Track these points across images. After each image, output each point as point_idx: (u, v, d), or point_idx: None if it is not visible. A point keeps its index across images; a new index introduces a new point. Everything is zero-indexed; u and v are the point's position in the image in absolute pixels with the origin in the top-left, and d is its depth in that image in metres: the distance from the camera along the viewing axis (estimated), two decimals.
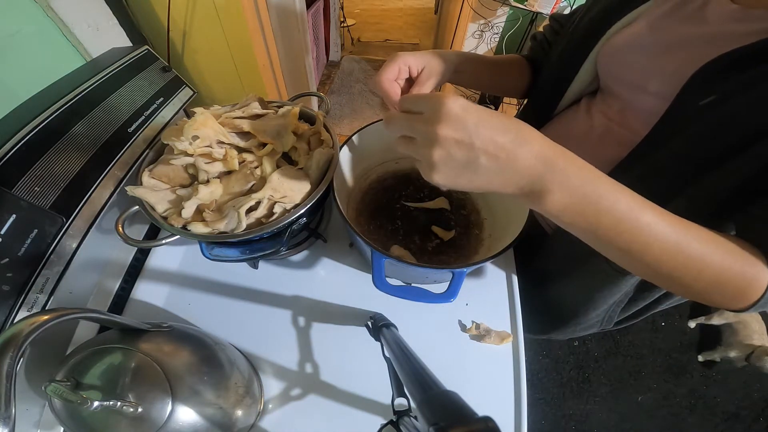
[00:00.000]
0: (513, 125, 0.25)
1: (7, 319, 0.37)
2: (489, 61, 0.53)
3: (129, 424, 0.29)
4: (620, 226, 0.26)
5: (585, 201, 0.25)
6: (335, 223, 0.59)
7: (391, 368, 0.35)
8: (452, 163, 0.25)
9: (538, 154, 0.24)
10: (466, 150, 0.24)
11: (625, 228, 0.26)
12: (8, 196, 0.38)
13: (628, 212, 0.25)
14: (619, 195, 0.26)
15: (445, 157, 0.24)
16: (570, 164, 0.25)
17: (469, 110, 0.24)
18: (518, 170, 0.24)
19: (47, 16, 0.65)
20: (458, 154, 0.24)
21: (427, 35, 2.91)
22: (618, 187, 0.26)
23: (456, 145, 0.24)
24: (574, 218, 0.26)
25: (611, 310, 0.51)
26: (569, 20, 0.50)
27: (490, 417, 0.22)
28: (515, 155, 0.24)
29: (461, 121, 0.23)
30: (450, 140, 0.24)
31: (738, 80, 0.28)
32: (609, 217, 0.25)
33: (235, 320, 0.49)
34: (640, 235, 0.26)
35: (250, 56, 1.18)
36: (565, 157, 0.25)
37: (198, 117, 0.42)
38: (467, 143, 0.24)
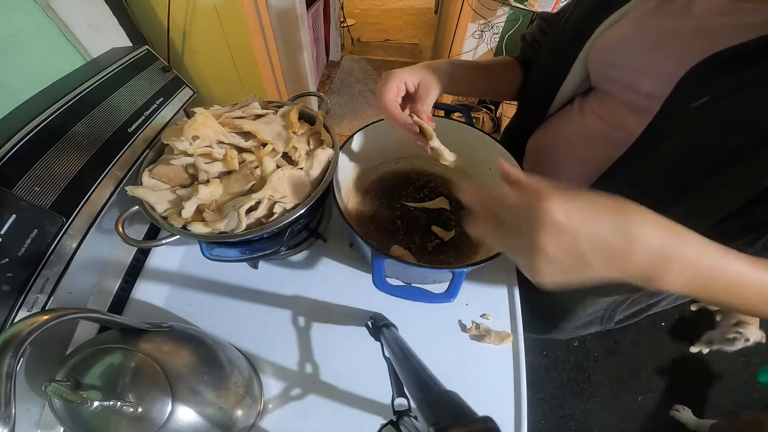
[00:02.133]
0: (623, 220, 0.22)
1: (7, 319, 0.37)
2: (481, 67, 0.52)
3: (129, 424, 0.29)
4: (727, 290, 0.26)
5: (696, 278, 0.24)
6: (335, 223, 0.59)
7: (391, 368, 0.35)
8: (559, 267, 0.23)
9: (652, 247, 0.22)
10: (572, 254, 0.22)
11: (730, 291, 0.26)
12: (8, 196, 0.38)
13: (735, 277, 0.25)
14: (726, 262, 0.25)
15: (551, 265, 0.23)
16: (684, 247, 0.24)
17: (571, 213, 0.21)
18: (632, 267, 0.23)
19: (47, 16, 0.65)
20: (566, 260, 0.22)
21: (427, 35, 2.91)
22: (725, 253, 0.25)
23: (563, 251, 0.22)
24: (687, 291, 0.26)
25: (611, 309, 0.51)
26: (556, 19, 0.49)
27: (490, 417, 0.22)
28: (629, 254, 0.22)
29: (564, 228, 0.21)
30: (555, 250, 0.22)
31: (731, 81, 0.28)
32: (716, 284, 0.25)
33: (235, 320, 0.49)
34: (739, 291, 0.26)
35: (250, 56, 1.18)
36: (679, 241, 0.24)
37: (198, 117, 0.42)
38: (575, 248, 0.22)
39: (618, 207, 0.23)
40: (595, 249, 0.22)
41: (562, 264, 0.22)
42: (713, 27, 0.31)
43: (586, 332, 0.59)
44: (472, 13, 1.64)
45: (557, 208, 0.21)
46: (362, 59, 2.60)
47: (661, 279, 0.24)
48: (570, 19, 0.44)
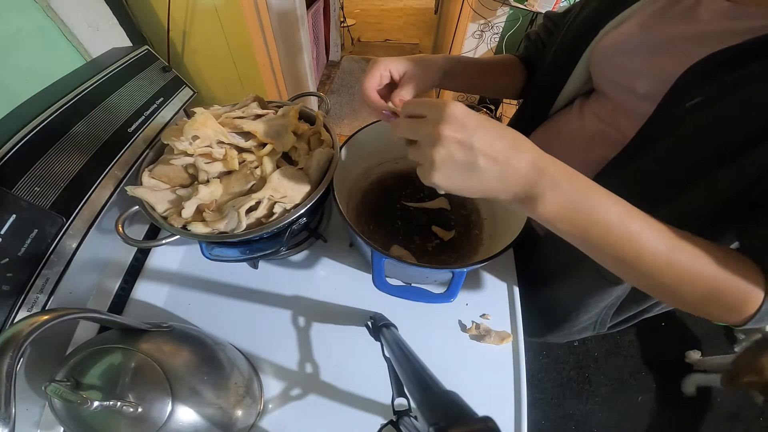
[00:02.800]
0: (509, 133, 0.26)
1: (7, 319, 0.37)
2: (481, 63, 0.52)
3: (129, 424, 0.29)
4: (611, 234, 0.26)
5: (576, 208, 0.26)
6: (335, 223, 0.59)
7: (391, 368, 0.35)
8: (452, 163, 0.25)
9: (531, 161, 0.25)
10: (466, 150, 0.25)
11: (616, 237, 0.26)
12: (8, 196, 0.38)
13: (618, 221, 0.26)
14: (610, 204, 0.26)
15: (446, 157, 0.25)
16: (561, 172, 0.26)
17: (470, 114, 0.25)
18: (513, 175, 0.25)
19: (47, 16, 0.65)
20: (458, 154, 0.25)
21: (427, 35, 2.91)
22: (610, 196, 0.26)
23: (457, 145, 0.25)
24: (566, 226, 0.27)
25: (603, 314, 0.51)
26: (563, 19, 0.49)
27: (490, 417, 0.22)
28: (511, 160, 0.25)
29: (463, 124, 0.25)
30: (452, 140, 0.25)
31: (725, 81, 0.28)
32: (599, 226, 0.26)
33: (235, 320, 0.49)
34: (631, 244, 0.26)
35: (250, 56, 1.19)
36: (556, 165, 0.26)
37: (198, 117, 0.42)
38: (468, 144, 0.24)
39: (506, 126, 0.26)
40: (484, 147, 0.25)
41: (456, 159, 0.25)
42: (716, 31, 0.31)
43: (580, 337, 0.59)
44: (472, 13, 1.64)
45: (459, 107, 0.25)
46: (362, 59, 2.60)
47: (537, 202, 0.26)
48: (578, 18, 0.44)
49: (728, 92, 0.28)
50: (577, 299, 0.50)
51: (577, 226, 0.26)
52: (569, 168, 0.27)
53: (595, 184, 0.27)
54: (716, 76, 0.29)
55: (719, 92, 0.28)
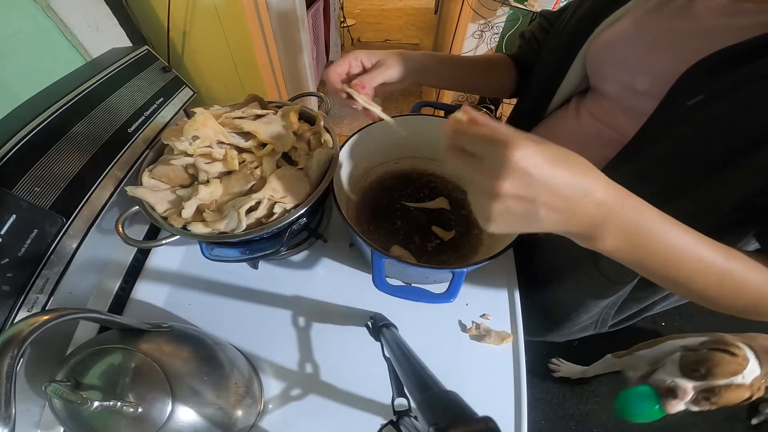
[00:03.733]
0: (580, 176, 0.23)
1: (7, 319, 0.37)
2: (463, 62, 0.52)
3: (129, 424, 0.29)
4: (670, 260, 0.26)
5: (637, 241, 0.25)
6: (335, 223, 0.59)
7: (391, 368, 0.35)
8: (510, 217, 0.23)
9: (599, 204, 0.23)
10: (527, 205, 0.22)
11: (674, 261, 0.26)
12: (8, 196, 0.38)
13: (679, 246, 0.26)
14: (669, 230, 0.26)
15: (504, 212, 0.23)
16: (627, 207, 0.24)
17: (538, 166, 0.21)
18: (576, 222, 0.24)
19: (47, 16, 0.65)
20: (518, 209, 0.23)
21: (427, 35, 2.91)
22: (669, 221, 0.26)
23: (518, 200, 0.22)
24: (625, 256, 0.26)
25: (605, 313, 0.51)
26: (559, 18, 0.49)
27: (490, 417, 0.21)
28: (576, 208, 0.23)
29: (529, 178, 0.22)
30: (512, 197, 0.22)
31: (727, 80, 0.28)
32: (659, 253, 0.26)
33: (235, 320, 0.49)
34: (688, 266, 0.27)
35: (250, 56, 1.19)
36: (623, 201, 0.24)
37: (198, 117, 0.42)
38: (529, 199, 0.22)
39: (581, 161, 0.24)
40: (548, 200, 0.22)
41: (514, 213, 0.23)
42: (713, 28, 0.31)
43: (581, 336, 0.59)
44: (472, 13, 1.63)
45: (528, 159, 0.21)
46: None
47: (599, 240, 0.25)
48: (574, 16, 0.44)
49: (730, 91, 0.28)
50: (577, 299, 0.50)
51: (637, 254, 0.26)
52: (634, 198, 0.25)
53: (655, 211, 0.26)
54: (718, 75, 0.29)
55: (721, 91, 0.28)
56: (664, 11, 0.35)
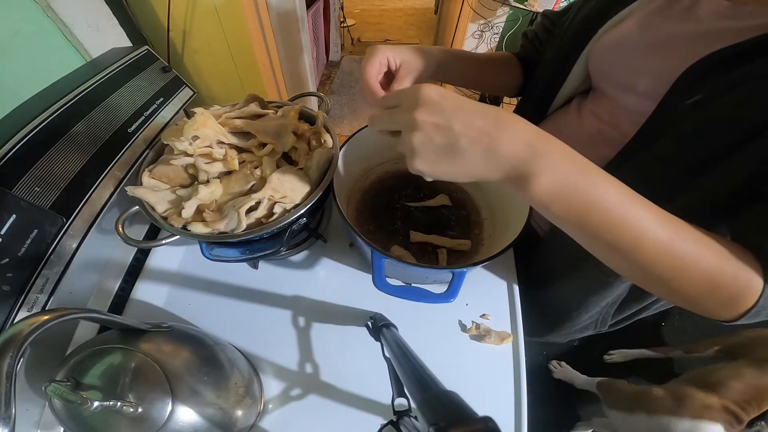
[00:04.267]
0: (492, 110, 0.24)
1: (7, 319, 0.37)
2: (476, 59, 0.52)
3: (129, 424, 0.29)
4: (610, 219, 0.24)
5: (573, 190, 0.24)
6: (335, 223, 0.59)
7: (391, 368, 0.35)
8: (432, 147, 0.25)
9: (521, 137, 0.24)
10: (444, 133, 0.24)
11: (615, 222, 0.24)
12: (8, 196, 0.38)
13: (618, 205, 0.24)
14: (609, 187, 0.25)
15: (425, 141, 0.24)
16: (557, 150, 0.24)
17: (447, 96, 0.24)
18: (501, 153, 0.24)
19: (47, 16, 0.65)
20: (437, 138, 0.24)
21: (427, 35, 2.91)
22: (609, 179, 0.25)
23: (434, 128, 0.24)
24: (561, 209, 0.25)
25: (604, 312, 0.51)
26: (562, 18, 0.49)
27: (490, 417, 0.21)
28: (497, 138, 0.24)
29: (438, 106, 0.24)
30: (428, 124, 0.24)
31: (725, 79, 0.28)
32: (598, 210, 0.24)
33: (235, 320, 0.49)
34: (630, 230, 0.25)
35: (250, 56, 1.19)
36: (551, 142, 0.24)
37: (198, 117, 0.42)
38: (445, 126, 0.24)
39: (490, 105, 0.25)
40: (464, 128, 0.23)
41: (435, 143, 0.24)
42: (715, 30, 0.31)
43: (581, 336, 0.59)
44: (472, 13, 1.64)
45: (434, 90, 0.24)
46: (362, 59, 2.59)
47: (531, 181, 0.24)
48: (577, 17, 0.44)
49: (727, 90, 0.28)
50: (578, 298, 0.50)
51: (574, 207, 0.24)
52: (566, 146, 0.25)
53: (593, 166, 0.25)
54: (716, 74, 0.29)
55: (719, 90, 0.28)
56: (667, 14, 0.36)
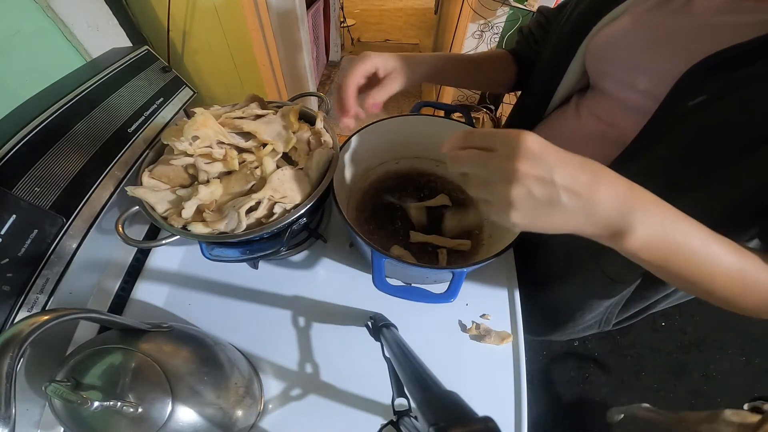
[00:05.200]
0: (590, 164, 0.24)
1: (7, 319, 0.37)
2: (469, 59, 0.53)
3: (129, 424, 0.29)
4: (691, 260, 0.26)
5: (663, 240, 0.25)
6: (335, 223, 0.59)
7: (391, 368, 0.35)
8: (532, 202, 0.23)
9: (618, 193, 0.24)
10: (547, 187, 0.23)
11: (696, 262, 0.26)
12: (8, 196, 0.38)
13: (700, 248, 0.26)
14: (692, 231, 0.26)
15: (525, 195, 0.23)
16: (648, 202, 0.25)
17: (548, 147, 0.23)
18: (599, 209, 0.24)
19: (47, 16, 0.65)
20: (539, 192, 0.23)
21: (427, 35, 2.91)
22: (690, 222, 0.26)
23: (536, 182, 0.23)
24: (650, 256, 0.26)
25: (609, 312, 0.51)
26: (558, 16, 0.48)
27: (490, 417, 0.22)
28: (596, 193, 0.23)
29: (541, 158, 0.23)
30: (530, 177, 0.23)
31: (728, 80, 0.28)
32: (682, 253, 0.26)
33: (235, 320, 0.49)
34: (708, 267, 0.27)
35: (250, 56, 1.19)
36: (643, 195, 0.25)
37: (198, 117, 0.42)
38: (548, 180, 0.23)
39: (586, 158, 0.24)
40: (566, 181, 0.23)
41: (536, 197, 0.23)
42: (713, 26, 0.31)
43: (585, 335, 0.59)
44: (472, 13, 1.63)
45: (534, 140, 0.23)
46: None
47: (626, 235, 0.24)
48: (573, 14, 0.43)
49: (731, 91, 0.28)
50: (581, 299, 0.49)
51: (661, 253, 0.26)
52: (653, 197, 0.25)
53: (676, 211, 0.26)
54: (719, 75, 0.28)
55: (722, 91, 0.28)
56: (664, 9, 0.35)
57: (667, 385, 1.27)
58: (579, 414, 1.22)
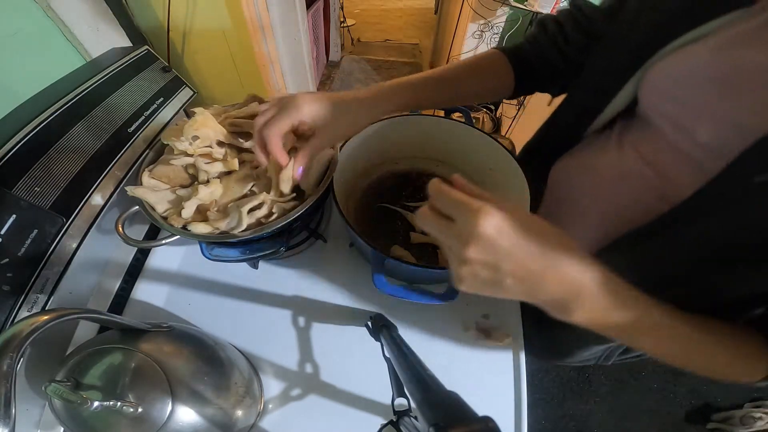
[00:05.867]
0: (550, 250, 0.23)
1: (7, 319, 0.37)
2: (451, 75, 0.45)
3: (129, 424, 0.29)
4: (637, 340, 0.27)
5: (606, 323, 0.25)
6: (335, 223, 0.59)
7: (391, 368, 0.35)
8: (477, 280, 0.24)
9: (564, 282, 0.23)
10: (492, 272, 0.23)
11: (645, 340, 0.27)
12: (8, 196, 0.38)
13: (648, 330, 0.26)
14: (640, 316, 0.26)
15: (471, 275, 0.24)
16: (597, 292, 0.24)
17: (504, 234, 0.22)
18: (540, 295, 0.24)
19: (47, 16, 0.65)
20: (484, 274, 0.24)
21: (427, 35, 2.91)
22: (641, 307, 0.26)
23: (483, 267, 0.23)
24: (599, 330, 0.26)
25: (608, 351, 0.50)
26: (608, 20, 0.39)
27: (490, 417, 0.22)
28: (542, 281, 0.23)
29: (492, 246, 0.22)
30: (477, 262, 0.23)
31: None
32: (629, 335, 0.27)
33: (235, 320, 0.49)
34: (660, 344, 0.27)
35: (250, 56, 1.18)
36: (593, 282, 0.24)
37: (198, 117, 0.42)
38: (494, 266, 0.23)
39: (554, 232, 0.24)
40: (514, 269, 0.23)
41: (481, 278, 0.24)
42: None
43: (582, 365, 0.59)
44: (472, 13, 1.64)
45: (492, 226, 0.22)
46: (362, 59, 2.60)
47: (568, 313, 0.25)
48: (635, 28, 0.34)
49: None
50: (580, 338, 0.49)
51: (608, 331, 0.26)
52: (608, 278, 0.24)
53: (629, 295, 0.25)
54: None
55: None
56: (757, 40, 0.26)
57: (667, 385, 1.27)
58: (579, 413, 1.22)
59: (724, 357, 0.29)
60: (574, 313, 0.24)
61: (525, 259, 0.23)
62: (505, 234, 0.22)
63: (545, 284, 0.23)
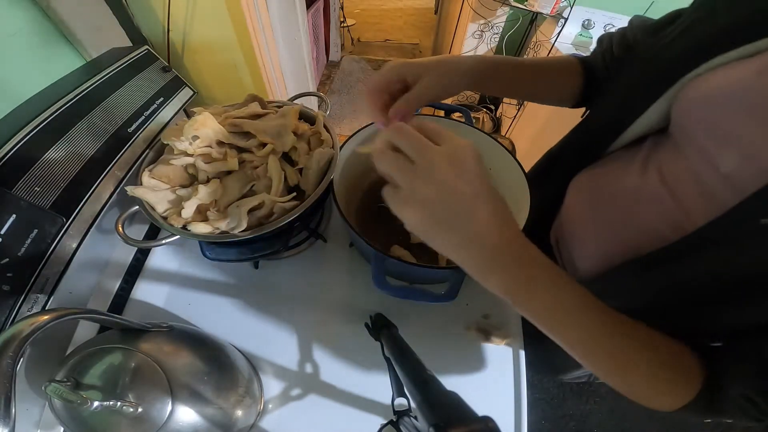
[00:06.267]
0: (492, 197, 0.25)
1: (7, 319, 0.37)
2: (522, 65, 0.43)
3: (129, 424, 0.29)
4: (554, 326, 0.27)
5: (515, 301, 0.26)
6: (335, 223, 0.59)
7: (391, 368, 0.35)
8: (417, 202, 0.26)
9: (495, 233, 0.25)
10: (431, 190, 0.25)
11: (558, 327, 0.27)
12: (8, 196, 0.38)
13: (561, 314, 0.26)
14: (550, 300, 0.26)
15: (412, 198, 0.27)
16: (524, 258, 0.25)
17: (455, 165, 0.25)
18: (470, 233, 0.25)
19: (47, 16, 0.65)
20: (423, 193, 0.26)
21: (427, 35, 2.91)
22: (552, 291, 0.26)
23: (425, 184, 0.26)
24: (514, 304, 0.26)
25: None
26: (652, 37, 0.38)
27: (490, 417, 0.22)
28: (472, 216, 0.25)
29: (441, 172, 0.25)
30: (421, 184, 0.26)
31: None
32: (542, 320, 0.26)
33: (235, 320, 0.49)
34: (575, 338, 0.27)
35: (250, 56, 1.18)
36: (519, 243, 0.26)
37: (198, 117, 0.42)
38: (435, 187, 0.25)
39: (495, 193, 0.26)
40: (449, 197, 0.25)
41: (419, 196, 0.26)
42: None
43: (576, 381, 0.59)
44: (472, 13, 1.64)
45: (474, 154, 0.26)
46: (362, 59, 2.60)
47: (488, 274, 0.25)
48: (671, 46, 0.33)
49: None
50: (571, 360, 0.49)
51: (518, 308, 0.26)
52: (537, 252, 0.26)
53: (555, 273, 0.26)
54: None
55: None
56: None
57: None
58: (579, 413, 1.22)
59: (646, 368, 0.27)
60: (492, 276, 0.25)
61: (464, 188, 0.25)
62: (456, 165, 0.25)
63: (474, 220, 0.25)
